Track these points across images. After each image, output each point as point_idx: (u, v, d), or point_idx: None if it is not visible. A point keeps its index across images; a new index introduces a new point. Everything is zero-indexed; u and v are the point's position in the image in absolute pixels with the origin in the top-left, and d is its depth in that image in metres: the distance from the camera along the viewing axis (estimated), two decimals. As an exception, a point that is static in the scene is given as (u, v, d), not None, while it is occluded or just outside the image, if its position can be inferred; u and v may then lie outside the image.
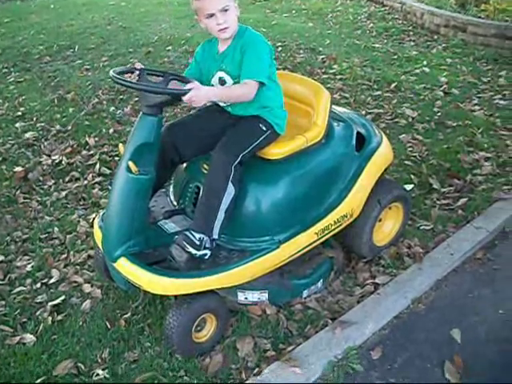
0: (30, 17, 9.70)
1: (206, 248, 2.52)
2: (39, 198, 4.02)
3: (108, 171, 4.25)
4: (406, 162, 4.22)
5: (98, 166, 4.35)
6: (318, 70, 6.32)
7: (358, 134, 3.07)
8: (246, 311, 2.82)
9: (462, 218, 3.55)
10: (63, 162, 4.44)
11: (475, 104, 5.31)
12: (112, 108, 5.49)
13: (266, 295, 2.81)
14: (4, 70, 6.88)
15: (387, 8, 9.51)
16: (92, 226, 3.11)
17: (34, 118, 5.34)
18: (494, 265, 3.18)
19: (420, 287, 2.96)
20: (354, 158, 2.99)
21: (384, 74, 6.12)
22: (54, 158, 4.52)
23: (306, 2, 10.26)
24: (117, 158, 4.33)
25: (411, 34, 7.96)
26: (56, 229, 3.63)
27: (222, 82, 2.73)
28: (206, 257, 2.55)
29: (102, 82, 6.19)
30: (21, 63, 7.09)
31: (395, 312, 2.81)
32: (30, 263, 3.32)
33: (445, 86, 5.73)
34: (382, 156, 3.10)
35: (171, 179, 3.00)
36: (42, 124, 5.19)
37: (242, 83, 2.60)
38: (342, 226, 2.93)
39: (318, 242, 2.86)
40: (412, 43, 7.51)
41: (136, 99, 5.52)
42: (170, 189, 3.02)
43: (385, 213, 3.16)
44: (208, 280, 2.50)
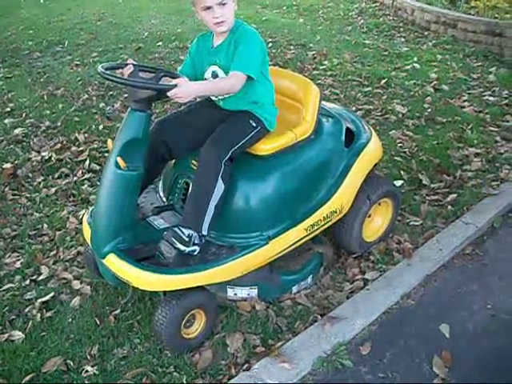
0: (20, 12, 9.64)
1: (194, 244, 2.52)
2: (28, 195, 4.00)
3: (98, 167, 4.23)
4: (396, 157, 4.23)
5: (87, 162, 4.33)
6: (308, 65, 6.32)
7: (348, 130, 3.08)
8: (236, 307, 2.82)
9: (452, 213, 3.57)
10: (52, 159, 4.41)
11: (465, 100, 5.33)
12: (102, 104, 5.47)
13: (256, 291, 2.81)
14: (-7, 66, 6.84)
15: (378, 4, 9.54)
16: (81, 223, 3.09)
17: (23, 114, 5.31)
18: (483, 260, 3.20)
19: (409, 283, 2.97)
20: (344, 153, 2.99)
21: (374, 70, 6.13)
22: (43, 154, 4.49)
23: (297, -2, 10.26)
24: (106, 154, 4.31)
25: (402, 30, 7.98)
26: (45, 225, 3.61)
27: (215, 76, 2.72)
28: (195, 253, 2.54)
29: (92, 77, 6.16)
30: (10, 59, 7.05)
31: (384, 307, 2.82)
32: (19, 260, 3.30)
33: (435, 82, 5.75)
34: (372, 152, 3.10)
35: (161, 175, 3.00)
36: (32, 120, 5.16)
37: (229, 75, 2.59)
38: (331, 222, 2.94)
39: (308, 237, 2.86)
40: (402, 39, 7.52)
41: (126, 95, 5.49)
42: (160, 185, 3.01)
43: (374, 208, 3.16)
44: (197, 276, 2.49)
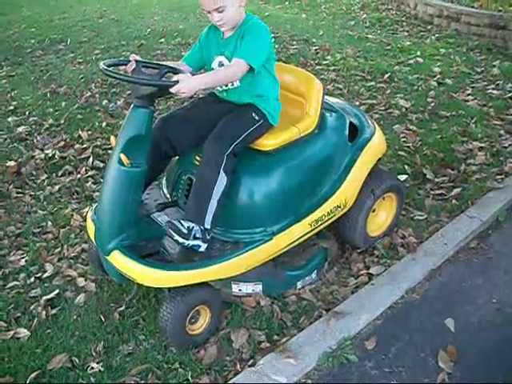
0: (22, 10, 9.64)
1: (196, 238, 2.50)
2: (32, 193, 4.00)
3: (101, 164, 4.23)
4: (400, 152, 4.21)
5: (91, 159, 4.33)
6: (311, 61, 6.31)
7: (351, 125, 3.07)
8: (241, 303, 2.82)
9: (456, 207, 3.56)
10: (56, 156, 4.41)
11: (469, 94, 5.31)
12: (105, 101, 5.46)
13: (260, 287, 2.81)
14: (-5, 64, 6.85)
15: (381, -2, 9.50)
16: (85, 220, 3.09)
17: (27, 112, 5.31)
18: (488, 254, 3.19)
19: (414, 277, 2.97)
20: (347, 148, 2.98)
21: (377, 65, 6.11)
22: (46, 152, 4.49)
23: (299, -7, 10.22)
24: (110, 152, 4.30)
25: (404, 24, 7.95)
26: (49, 223, 3.61)
27: (220, 65, 2.72)
28: (201, 249, 2.53)
29: (95, 75, 6.16)
30: (12, 57, 7.05)
31: (389, 302, 2.82)
32: (23, 258, 3.30)
33: (438, 76, 5.73)
34: (375, 146, 3.09)
35: (164, 172, 2.99)
36: (35, 118, 5.16)
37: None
38: (335, 217, 2.93)
39: (312, 232, 2.85)
40: (405, 33, 7.50)
41: (129, 92, 5.49)
42: (163, 181, 3.01)
43: (378, 203, 3.16)
44: (201, 272, 2.49)
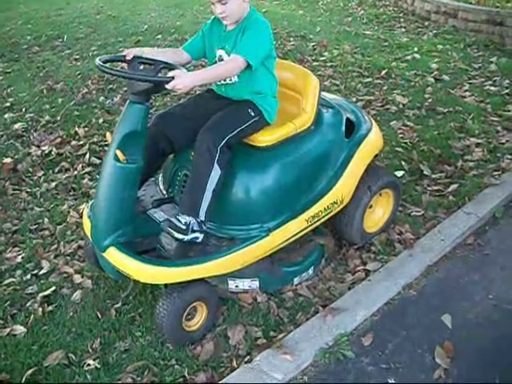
0: (18, 7, 9.58)
1: (194, 231, 2.50)
2: (29, 189, 3.99)
3: (98, 161, 4.21)
4: (397, 148, 4.21)
5: (87, 156, 4.32)
6: (308, 57, 6.29)
7: (348, 121, 3.06)
8: (237, 299, 2.82)
9: (453, 203, 3.56)
10: (53, 153, 4.40)
11: (466, 90, 5.31)
12: (101, 98, 5.44)
13: (257, 283, 2.81)
14: (-8, 61, 6.82)
15: (378, -6, 9.47)
16: (82, 217, 3.09)
17: (23, 109, 5.28)
18: (485, 250, 3.19)
19: (411, 273, 2.97)
20: (344, 144, 2.98)
21: (375, 61, 6.10)
22: (43, 148, 4.47)
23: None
24: (106, 148, 4.30)
25: (402, 20, 7.93)
26: (46, 219, 3.61)
27: (220, 60, 2.72)
28: (198, 240, 2.52)
29: (92, 71, 6.13)
30: (9, 53, 7.01)
31: (386, 298, 2.82)
32: (20, 254, 3.30)
33: (436, 73, 5.72)
34: (372, 142, 3.09)
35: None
36: (31, 115, 5.14)
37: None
38: (332, 213, 2.93)
39: (309, 229, 2.85)
40: (403, 30, 7.49)
41: (125, 88, 5.47)
42: (160, 177, 3.00)
43: (375, 199, 3.15)
44: (198, 268, 2.49)
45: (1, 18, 8.79)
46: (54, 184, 4.02)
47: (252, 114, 2.68)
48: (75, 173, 4.14)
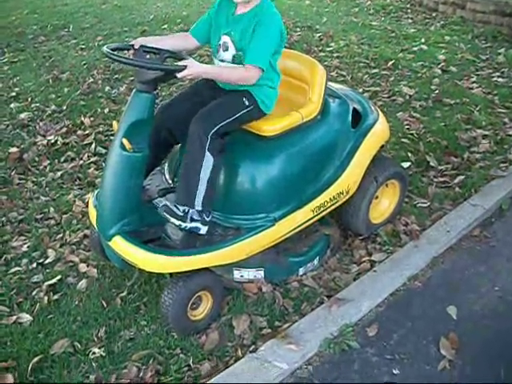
0: (24, -4, 9.58)
1: (194, 220, 2.48)
2: (34, 179, 4.00)
3: (103, 151, 4.21)
4: (403, 139, 4.19)
5: (93, 145, 4.32)
6: (314, 47, 6.26)
7: (354, 111, 3.05)
8: (242, 289, 2.82)
9: (459, 195, 3.54)
10: (58, 142, 4.40)
11: (473, 82, 5.27)
12: (107, 87, 5.44)
13: (262, 273, 2.80)
14: (-2, 51, 6.82)
15: (385, -15, 9.40)
16: (87, 206, 3.09)
17: (29, 99, 5.29)
18: (491, 242, 3.18)
19: (416, 264, 2.96)
20: (350, 134, 2.96)
21: (381, 52, 6.06)
22: (49, 138, 4.48)
23: (303, -20, 10.13)
24: (112, 138, 4.30)
25: (409, 11, 7.87)
26: (52, 209, 3.61)
27: (225, 47, 2.66)
28: (201, 231, 2.51)
29: (97, 61, 6.13)
30: (15, 43, 7.01)
31: (391, 289, 2.81)
32: (25, 243, 3.31)
33: (443, 64, 5.68)
34: (379, 133, 3.07)
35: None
36: (37, 104, 5.14)
37: (246, 68, 2.54)
38: (338, 203, 2.92)
39: (314, 219, 2.84)
40: (410, 21, 7.43)
41: (131, 78, 5.47)
42: (165, 167, 3.00)
43: (381, 190, 3.14)
44: (203, 258, 2.49)
45: (6, 8, 8.78)
46: (59, 173, 4.03)
47: (246, 103, 2.64)
48: (81, 162, 4.15)
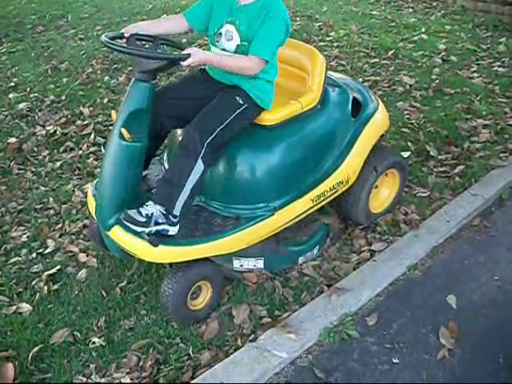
0: (22, -14, 9.53)
1: (159, 224, 2.38)
2: (34, 169, 4.00)
3: (103, 141, 4.19)
4: (404, 129, 4.18)
5: (92, 135, 4.32)
6: (314, 37, 6.23)
7: (354, 100, 3.03)
8: (242, 278, 2.82)
9: (459, 185, 3.54)
10: (58, 133, 4.40)
11: (474, 71, 5.25)
12: (106, 77, 5.42)
13: (262, 262, 2.80)
14: (-4, 41, 6.79)
15: (386, -26, 9.34)
16: (87, 196, 3.08)
17: (28, 89, 5.27)
18: (491, 232, 3.18)
19: (416, 254, 2.96)
20: (350, 123, 2.95)
21: (381, 41, 6.03)
22: (48, 128, 4.47)
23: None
24: (111, 128, 4.29)
25: (410, 0, 7.81)
26: (51, 199, 3.61)
27: (229, 38, 2.59)
28: (171, 233, 2.43)
29: (96, 51, 6.11)
30: (13, 33, 6.99)
31: (391, 279, 2.82)
32: (25, 233, 3.31)
33: (443, 54, 5.65)
34: (379, 122, 3.06)
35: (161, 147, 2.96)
36: (36, 94, 5.13)
37: (249, 58, 2.50)
38: (337, 193, 2.91)
39: (314, 208, 2.84)
40: (410, 10, 7.39)
41: (131, 68, 5.45)
42: (164, 156, 2.99)
43: (381, 180, 3.14)
44: (203, 247, 2.49)
45: (5, -3, 8.74)
46: (58, 163, 4.02)
47: (240, 101, 2.58)
48: (80, 152, 4.14)
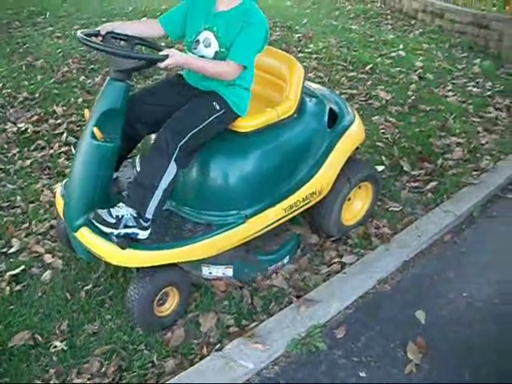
0: (1, -19, 9.39)
1: (129, 226, 2.36)
2: (2, 166, 3.91)
3: (75, 140, 4.13)
4: (378, 143, 4.20)
5: (64, 135, 4.25)
6: (293, 48, 6.27)
7: (331, 111, 3.03)
8: (210, 286, 2.78)
9: (431, 201, 3.56)
10: (29, 130, 4.33)
11: (449, 90, 5.33)
12: (82, 77, 5.36)
13: (231, 270, 2.77)
14: (-30, 35, 6.66)
15: (366, -10, 9.46)
16: (55, 196, 3.02)
17: (0, 84, 5.18)
18: (461, 248, 3.19)
19: (386, 268, 2.96)
20: (326, 134, 2.95)
21: (360, 56, 6.09)
22: (19, 125, 4.40)
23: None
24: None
25: (389, 17, 7.95)
26: (18, 197, 3.53)
27: (207, 44, 2.57)
28: (140, 236, 2.40)
29: (73, 50, 6.04)
30: (-12, 28, 6.88)
31: (361, 292, 2.80)
32: (-11, 232, 3.22)
33: (420, 71, 5.73)
34: (354, 134, 3.06)
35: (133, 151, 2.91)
36: (9, 90, 5.05)
37: (227, 63, 2.48)
38: (310, 204, 2.90)
39: (286, 218, 2.82)
40: (389, 27, 7.49)
41: (107, 69, 5.38)
42: (137, 159, 2.94)
43: (354, 192, 3.14)
44: (172, 253, 2.44)
45: (-19, -9, 8.61)
46: (28, 162, 3.95)
47: (217, 107, 2.56)
48: (51, 151, 4.07)
